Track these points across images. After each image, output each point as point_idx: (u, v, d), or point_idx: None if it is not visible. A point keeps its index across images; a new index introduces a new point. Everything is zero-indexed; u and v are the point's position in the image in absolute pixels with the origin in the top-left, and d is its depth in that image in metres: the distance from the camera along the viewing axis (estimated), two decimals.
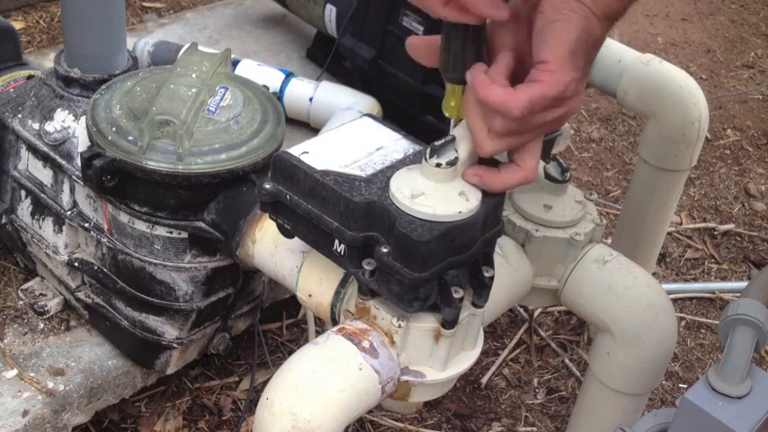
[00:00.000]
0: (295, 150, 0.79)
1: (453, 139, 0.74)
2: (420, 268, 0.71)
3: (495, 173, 0.74)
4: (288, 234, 0.83)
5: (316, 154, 0.79)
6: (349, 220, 0.75)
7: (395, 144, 0.81)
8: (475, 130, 0.72)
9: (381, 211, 0.73)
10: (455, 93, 0.74)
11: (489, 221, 0.76)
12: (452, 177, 0.74)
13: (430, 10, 0.69)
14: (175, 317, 1.06)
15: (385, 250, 0.73)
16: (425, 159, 0.73)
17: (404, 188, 0.73)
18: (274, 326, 1.41)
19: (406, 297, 0.73)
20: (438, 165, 0.73)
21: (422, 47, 0.76)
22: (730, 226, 1.81)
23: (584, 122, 2.07)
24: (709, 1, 2.64)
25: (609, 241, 1.42)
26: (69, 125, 1.05)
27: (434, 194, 0.73)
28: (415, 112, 1.47)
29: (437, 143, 0.73)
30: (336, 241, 0.77)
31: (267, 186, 0.80)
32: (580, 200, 0.97)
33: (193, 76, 0.98)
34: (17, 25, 1.87)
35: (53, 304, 1.16)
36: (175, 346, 1.09)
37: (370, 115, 0.86)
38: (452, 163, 0.73)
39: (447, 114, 0.76)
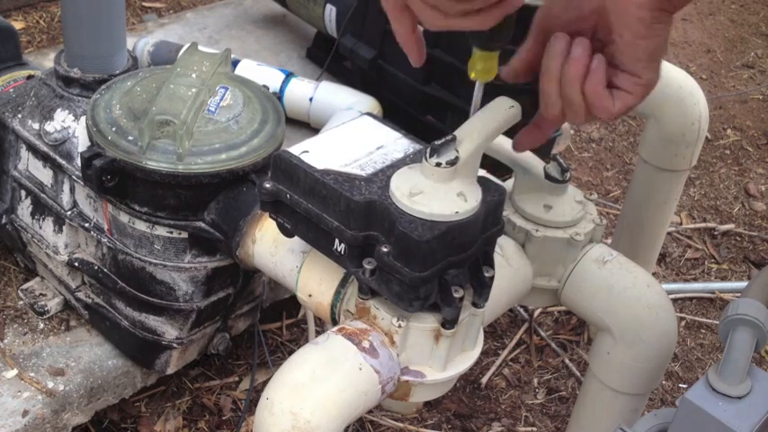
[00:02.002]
0: (295, 149, 0.79)
1: (454, 139, 0.74)
2: (420, 267, 0.71)
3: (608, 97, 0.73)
4: (288, 233, 0.83)
5: (316, 153, 0.79)
6: (349, 220, 0.75)
7: (395, 143, 0.81)
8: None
9: (381, 211, 0.73)
10: (485, 57, 0.74)
11: (489, 221, 0.76)
12: (452, 177, 0.74)
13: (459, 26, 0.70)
14: (175, 317, 1.06)
15: (385, 250, 0.73)
16: (425, 159, 0.73)
17: (403, 187, 0.73)
18: (274, 326, 1.41)
19: (407, 296, 0.73)
20: (438, 164, 0.73)
21: (521, 70, 0.77)
22: (730, 226, 1.81)
23: None
24: (709, 1, 2.64)
25: (609, 241, 1.42)
26: (69, 125, 1.05)
27: (434, 194, 0.73)
28: (415, 112, 1.47)
29: (437, 142, 0.73)
30: (336, 240, 0.77)
31: (267, 185, 0.80)
32: (580, 200, 0.97)
33: (193, 76, 0.98)
34: (17, 25, 1.87)
35: (53, 304, 1.16)
36: (175, 346, 1.09)
37: (370, 114, 0.86)
38: (452, 162, 0.73)
39: (474, 77, 0.76)
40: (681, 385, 1.46)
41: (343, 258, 0.77)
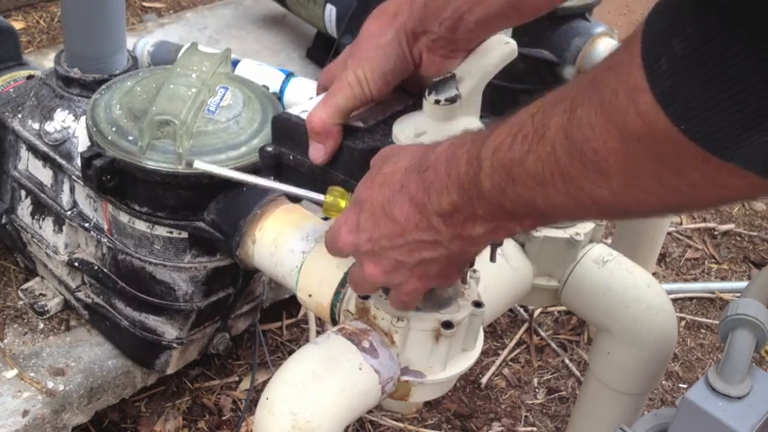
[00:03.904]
0: (294, 110, 0.79)
1: (453, 77, 0.73)
2: None
3: None
4: (295, 197, 0.83)
5: None
6: (354, 170, 0.74)
7: (396, 98, 0.80)
8: None
9: None
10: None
11: None
12: (454, 115, 0.73)
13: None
14: (175, 317, 1.06)
15: None
16: (425, 97, 0.73)
17: (406, 130, 0.73)
18: (274, 326, 1.41)
19: None
20: (437, 101, 0.72)
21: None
22: (730, 226, 1.81)
23: None
24: None
25: (609, 241, 1.42)
26: (69, 125, 1.05)
27: (438, 133, 0.71)
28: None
29: (436, 79, 0.73)
30: None
31: (269, 149, 0.80)
32: None
33: (193, 76, 0.98)
34: (17, 25, 1.87)
35: (53, 304, 1.16)
36: (175, 346, 1.09)
37: None
38: (452, 100, 0.72)
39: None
40: (681, 385, 1.46)
41: None
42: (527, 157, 0.55)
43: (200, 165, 0.86)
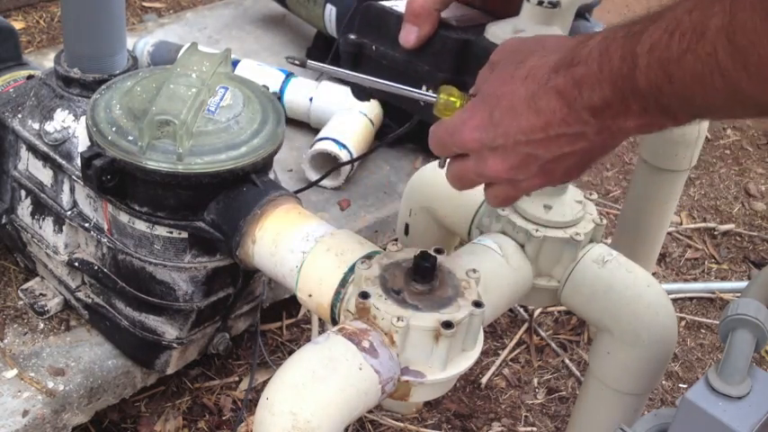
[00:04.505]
0: (384, 3, 0.80)
1: None
2: None
3: None
4: (363, 95, 0.82)
5: None
6: (442, 61, 0.74)
7: (481, 15, 0.80)
8: None
9: (478, 50, 0.73)
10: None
11: None
12: (553, 20, 0.73)
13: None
14: (175, 317, 1.06)
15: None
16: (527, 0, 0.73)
17: (505, 28, 0.73)
18: (274, 326, 1.41)
19: None
20: (540, 2, 0.72)
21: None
22: (730, 226, 1.81)
23: None
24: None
25: (609, 241, 1.42)
26: (69, 125, 1.05)
27: (535, 32, 0.72)
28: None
29: None
30: (424, 87, 0.76)
31: (352, 37, 0.80)
32: (580, 200, 0.97)
33: (193, 76, 0.98)
34: (17, 25, 1.87)
35: (53, 304, 1.16)
36: (175, 346, 1.09)
37: None
38: (555, 4, 0.72)
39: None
40: (681, 385, 1.46)
41: (428, 107, 0.76)
42: (685, 57, 0.55)
43: (314, 64, 0.84)
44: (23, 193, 1.12)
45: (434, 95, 0.75)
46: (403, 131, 1.01)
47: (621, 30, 0.62)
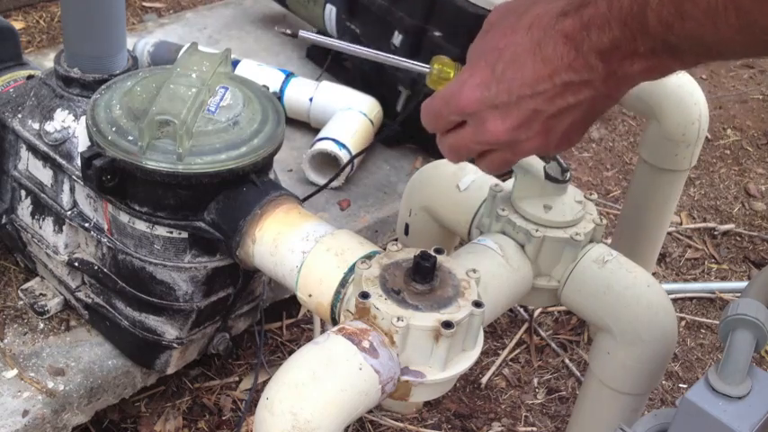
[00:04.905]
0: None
1: None
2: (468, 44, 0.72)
3: None
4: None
5: None
6: (413, 9, 0.74)
7: None
8: None
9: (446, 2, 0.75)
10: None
11: None
12: None
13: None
14: (175, 317, 1.06)
15: (438, 33, 0.74)
16: None
17: None
18: (274, 326, 1.41)
19: None
20: None
21: None
22: (730, 226, 1.81)
23: None
24: None
25: (609, 241, 1.42)
26: (69, 125, 1.05)
27: None
28: (415, 111, 1.47)
29: None
30: (396, 32, 0.78)
31: None
32: (580, 200, 0.97)
33: (193, 76, 0.98)
34: (17, 25, 1.87)
35: (53, 304, 1.16)
36: (175, 345, 1.09)
37: None
38: None
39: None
40: (681, 385, 1.46)
41: (399, 51, 0.78)
42: None
43: (305, 34, 0.84)
44: (23, 193, 1.12)
45: (427, 66, 0.75)
46: (396, 126, 1.01)
47: None
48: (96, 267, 1.08)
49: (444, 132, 0.75)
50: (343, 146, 1.39)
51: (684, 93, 1.20)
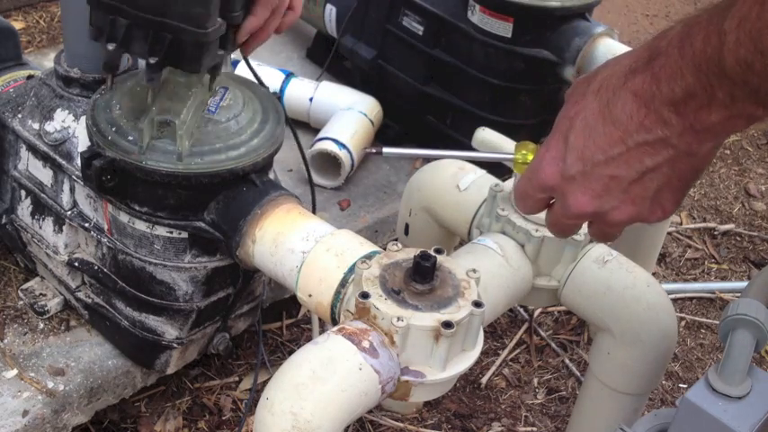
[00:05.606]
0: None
1: None
2: None
3: None
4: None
5: None
6: None
7: None
8: None
9: None
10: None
11: None
12: None
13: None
14: (175, 317, 1.06)
15: None
16: None
17: None
18: (274, 326, 1.41)
19: None
20: None
21: None
22: (730, 226, 1.81)
23: None
24: (710, 1, 2.64)
25: None
26: (69, 125, 1.05)
27: None
28: (415, 112, 1.47)
29: None
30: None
31: None
32: None
33: (193, 76, 0.98)
34: (17, 25, 1.87)
35: (53, 304, 1.16)
36: (175, 345, 1.09)
37: None
38: None
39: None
40: (681, 385, 1.46)
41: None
42: None
43: (389, 151, 0.85)
44: (23, 193, 1.12)
45: (511, 153, 0.75)
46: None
47: (705, 12, 0.57)
48: (96, 267, 1.08)
49: (541, 211, 0.73)
50: (344, 146, 1.39)
51: None
